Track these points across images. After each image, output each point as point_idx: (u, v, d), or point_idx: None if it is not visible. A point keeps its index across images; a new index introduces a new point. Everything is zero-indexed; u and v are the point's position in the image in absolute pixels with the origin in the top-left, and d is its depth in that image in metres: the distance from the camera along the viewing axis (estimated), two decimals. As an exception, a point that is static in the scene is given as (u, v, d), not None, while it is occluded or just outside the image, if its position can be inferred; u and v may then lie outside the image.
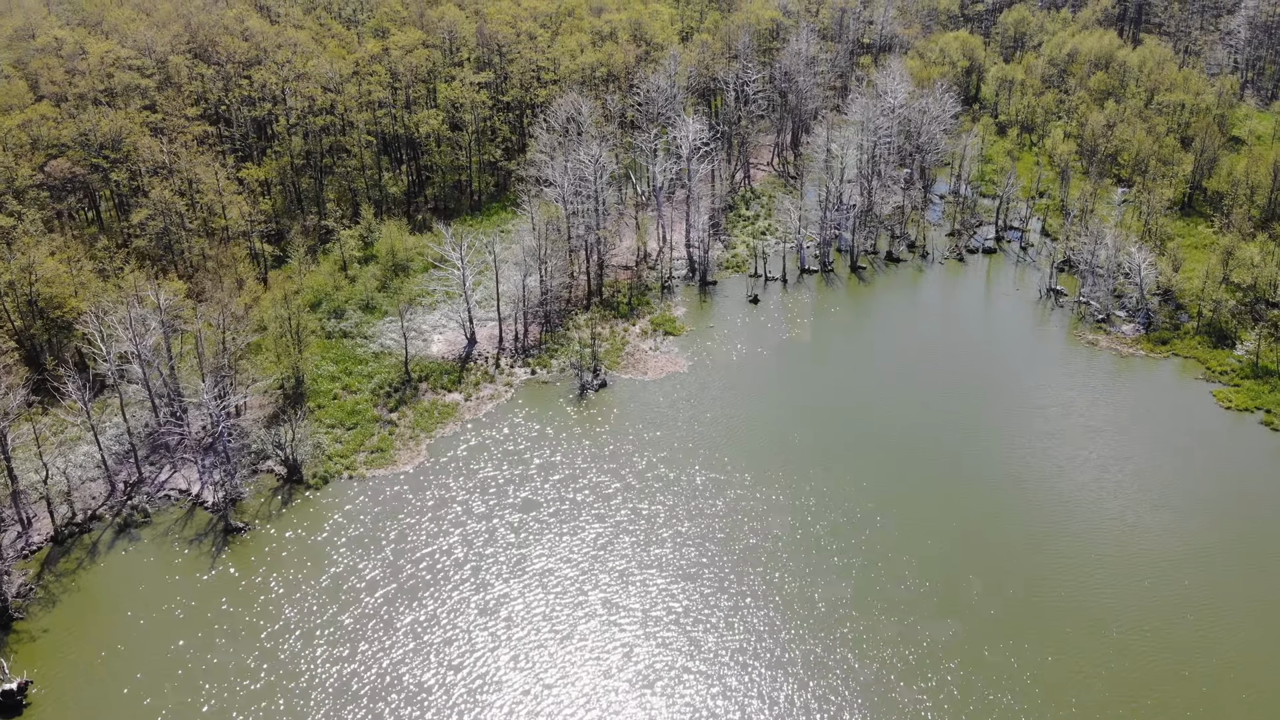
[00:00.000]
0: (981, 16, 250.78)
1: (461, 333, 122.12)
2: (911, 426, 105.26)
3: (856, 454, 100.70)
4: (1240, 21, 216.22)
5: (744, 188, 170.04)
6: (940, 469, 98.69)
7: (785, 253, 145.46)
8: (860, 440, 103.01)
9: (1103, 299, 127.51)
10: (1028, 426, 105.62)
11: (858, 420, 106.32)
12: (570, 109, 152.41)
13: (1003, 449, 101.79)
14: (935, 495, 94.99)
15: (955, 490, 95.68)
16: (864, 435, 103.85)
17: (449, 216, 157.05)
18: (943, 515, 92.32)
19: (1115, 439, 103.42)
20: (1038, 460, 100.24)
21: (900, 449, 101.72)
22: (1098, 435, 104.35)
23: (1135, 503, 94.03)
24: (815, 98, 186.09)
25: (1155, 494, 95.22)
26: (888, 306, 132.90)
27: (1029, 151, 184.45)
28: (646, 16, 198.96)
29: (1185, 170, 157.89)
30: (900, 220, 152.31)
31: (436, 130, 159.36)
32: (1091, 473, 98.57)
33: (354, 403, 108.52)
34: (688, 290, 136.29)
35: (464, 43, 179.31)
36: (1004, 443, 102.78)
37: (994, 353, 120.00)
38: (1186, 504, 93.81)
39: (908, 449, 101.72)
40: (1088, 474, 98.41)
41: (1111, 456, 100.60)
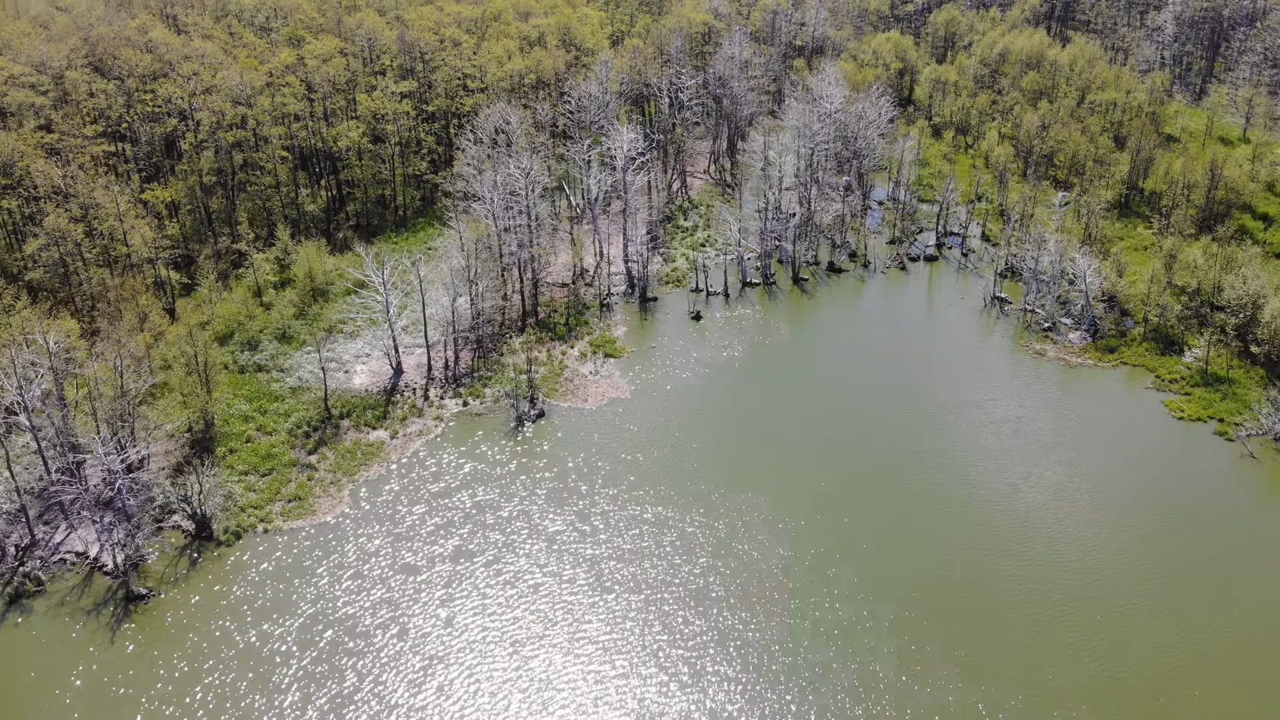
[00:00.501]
0: (911, 17, 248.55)
1: (386, 362, 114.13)
2: (862, 451, 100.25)
3: (807, 482, 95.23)
4: (1167, 18, 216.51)
5: (681, 197, 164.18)
6: (894, 495, 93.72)
7: (726, 265, 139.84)
8: (811, 467, 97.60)
9: (1048, 307, 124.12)
10: (979, 444, 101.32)
11: (806, 445, 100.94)
12: (498, 119, 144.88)
13: (955, 470, 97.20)
14: (889, 524, 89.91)
15: (910, 517, 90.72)
16: (814, 461, 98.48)
17: (372, 234, 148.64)
18: (899, 544, 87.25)
19: (1069, 455, 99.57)
20: (991, 480, 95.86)
21: (852, 475, 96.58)
22: (1051, 451, 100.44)
23: (1094, 524, 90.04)
24: (750, 103, 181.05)
25: (1115, 514, 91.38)
26: (832, 320, 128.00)
27: (965, 154, 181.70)
28: (575, 21, 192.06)
29: (1122, 171, 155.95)
30: (841, 229, 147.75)
31: (357, 143, 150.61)
32: (1048, 492, 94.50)
33: (269, 445, 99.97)
34: (628, 308, 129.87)
35: (384, 50, 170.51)
36: (956, 463, 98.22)
37: (942, 366, 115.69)
38: (1147, 524, 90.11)
39: (860, 475, 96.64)
40: (1043, 493, 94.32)
41: (1067, 474, 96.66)
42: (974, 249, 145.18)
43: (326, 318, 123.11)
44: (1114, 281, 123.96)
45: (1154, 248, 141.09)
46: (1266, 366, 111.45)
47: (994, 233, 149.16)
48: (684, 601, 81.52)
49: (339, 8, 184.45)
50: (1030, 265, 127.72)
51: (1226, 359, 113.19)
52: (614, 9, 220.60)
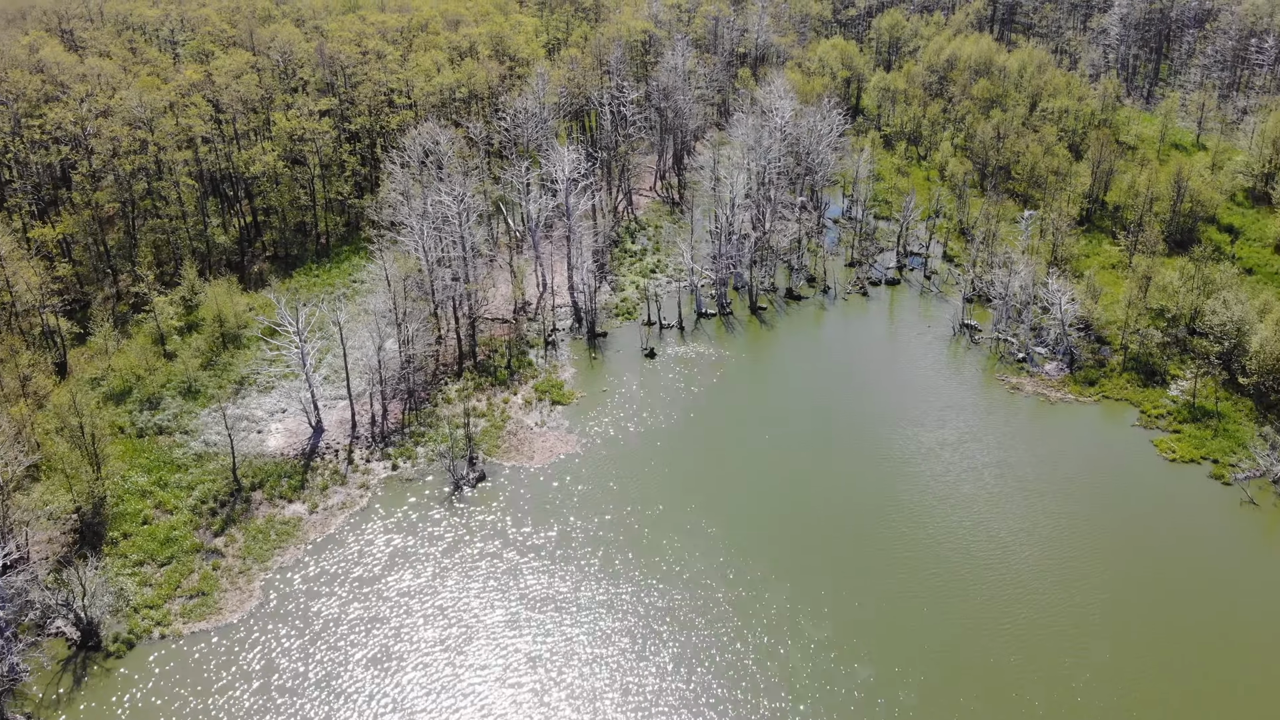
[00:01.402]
0: (855, 22, 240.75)
1: (305, 419, 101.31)
2: (831, 506, 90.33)
3: (773, 547, 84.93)
4: (1113, 19, 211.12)
5: (628, 218, 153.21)
6: (870, 555, 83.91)
7: (679, 293, 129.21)
8: (777, 531, 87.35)
9: (1021, 336, 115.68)
10: (960, 493, 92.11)
11: (771, 504, 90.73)
12: (427, 140, 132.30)
13: (938, 526, 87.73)
14: (866, 589, 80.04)
15: (896, 587, 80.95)
16: (780, 524, 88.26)
17: (291, 265, 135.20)
18: (892, 624, 77.40)
19: (1058, 505, 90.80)
20: (979, 537, 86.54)
21: (822, 536, 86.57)
22: (1038, 500, 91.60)
23: (1098, 592, 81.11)
24: (696, 115, 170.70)
25: (1117, 574, 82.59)
26: (793, 354, 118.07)
27: (918, 165, 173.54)
28: (508, 29, 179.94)
29: (1083, 184, 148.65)
30: (797, 251, 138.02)
31: (272, 167, 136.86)
32: (1039, 548, 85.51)
33: (169, 527, 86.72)
34: (575, 345, 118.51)
35: (301, 64, 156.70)
36: (939, 517, 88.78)
37: (914, 404, 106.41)
38: (1154, 585, 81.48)
39: (830, 535, 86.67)
40: (1035, 550, 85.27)
41: (1058, 528, 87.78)
42: (937, 270, 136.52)
43: (238, 368, 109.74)
44: (1089, 308, 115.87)
45: (1122, 266, 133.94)
46: (1256, 398, 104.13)
47: (956, 252, 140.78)
48: (647, 709, 70.66)
49: (251, 18, 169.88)
50: (999, 290, 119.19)
51: (1212, 389, 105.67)
52: (549, 15, 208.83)
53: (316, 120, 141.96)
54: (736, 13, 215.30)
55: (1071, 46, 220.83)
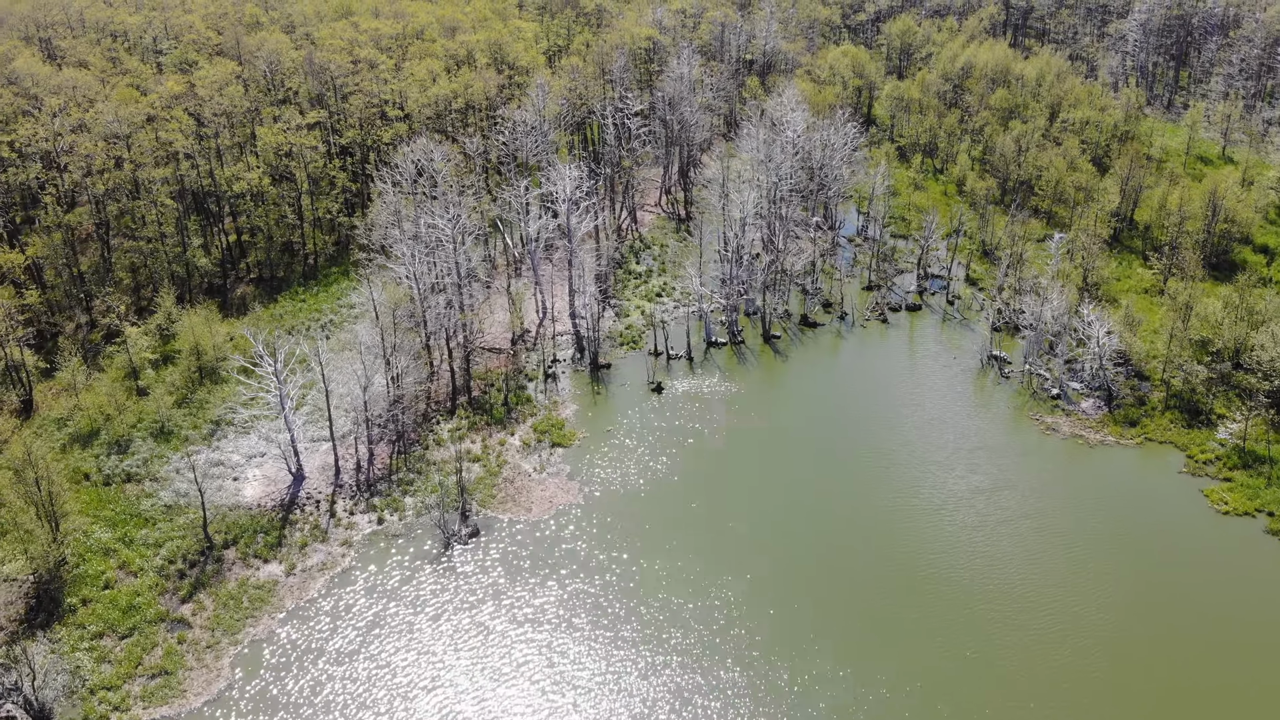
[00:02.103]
0: (864, 27, 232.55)
1: (285, 465, 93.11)
2: (857, 565, 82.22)
3: (795, 614, 76.81)
4: (1132, 25, 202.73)
5: (632, 236, 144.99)
6: (904, 622, 75.78)
7: (687, 319, 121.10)
8: (797, 594, 79.21)
9: (1054, 370, 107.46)
10: (999, 550, 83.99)
11: (790, 563, 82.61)
12: (420, 156, 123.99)
13: (980, 593, 79.58)
14: (904, 661, 71.98)
15: (929, 654, 72.87)
16: (801, 586, 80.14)
17: (277, 288, 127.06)
18: (925, 697, 69.35)
19: (1105, 563, 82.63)
20: (1019, 603, 78.35)
21: (846, 599, 78.49)
22: (1083, 559, 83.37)
23: (1154, 665, 72.96)
24: (702, 126, 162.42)
25: (1177, 648, 74.44)
26: (810, 389, 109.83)
27: (935, 179, 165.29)
28: (507, 35, 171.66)
29: (1111, 202, 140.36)
30: (812, 274, 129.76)
31: (257, 185, 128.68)
32: (1085, 617, 77.27)
33: (132, 592, 78.58)
34: (577, 378, 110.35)
35: (290, 74, 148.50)
36: (980, 582, 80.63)
37: (942, 446, 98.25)
38: (1216, 660, 73.35)
39: (856, 599, 78.58)
40: (1080, 618, 77.03)
41: (1107, 594, 79.54)
42: (960, 295, 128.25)
43: (214, 406, 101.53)
44: (1128, 340, 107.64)
45: (1155, 290, 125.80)
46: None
47: (980, 275, 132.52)
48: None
49: (238, 25, 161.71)
50: (1029, 320, 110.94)
51: (1263, 431, 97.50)
52: (549, 21, 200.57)
53: (304, 134, 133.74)
54: (743, 18, 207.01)
55: (1089, 53, 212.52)
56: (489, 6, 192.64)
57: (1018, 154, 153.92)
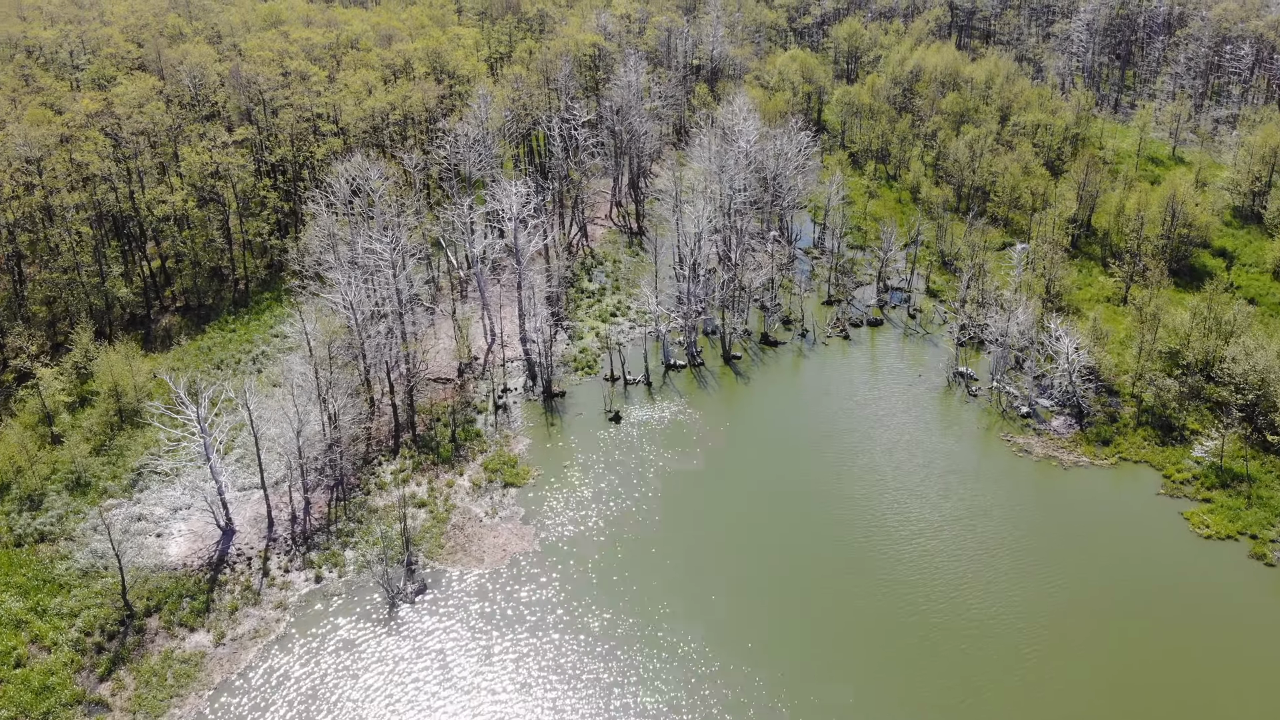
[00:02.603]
0: (810, 30, 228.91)
1: (213, 518, 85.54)
2: (828, 602, 77.18)
3: (765, 658, 71.51)
4: (1077, 26, 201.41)
5: (583, 251, 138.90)
6: (885, 666, 70.85)
7: (645, 340, 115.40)
8: (767, 637, 73.94)
9: (1023, 387, 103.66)
10: (976, 581, 79.50)
11: (758, 604, 77.37)
12: (356, 174, 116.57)
13: (953, 620, 74.96)
14: (886, 706, 67.12)
15: (917, 700, 68.05)
16: (771, 629, 74.91)
17: (205, 318, 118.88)
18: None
19: (1090, 594, 78.59)
20: (1006, 638, 73.88)
21: (819, 641, 73.40)
22: (1065, 590, 79.27)
23: (1145, 698, 68.89)
24: (653, 135, 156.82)
25: (1167, 680, 70.49)
26: (773, 412, 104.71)
27: (889, 186, 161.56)
28: (446, 44, 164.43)
29: (1068, 208, 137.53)
30: (771, 291, 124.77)
31: (181, 208, 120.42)
32: (1071, 649, 73.08)
33: (45, 671, 70.72)
34: (529, 408, 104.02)
35: (216, 89, 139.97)
36: (952, 610, 76.05)
37: (911, 471, 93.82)
38: (1208, 695, 69.52)
39: (830, 640, 73.53)
40: (1067, 650, 72.84)
41: (1092, 626, 75.46)
42: (921, 308, 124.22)
43: (136, 452, 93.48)
44: (1098, 356, 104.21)
45: (1117, 299, 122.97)
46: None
47: (940, 286, 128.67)
48: None
49: (160, 37, 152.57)
50: (995, 335, 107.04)
51: (1238, 447, 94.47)
52: (489, 27, 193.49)
53: (231, 153, 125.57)
54: (689, 23, 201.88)
55: (1035, 54, 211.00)
56: (426, 13, 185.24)
57: (971, 160, 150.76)
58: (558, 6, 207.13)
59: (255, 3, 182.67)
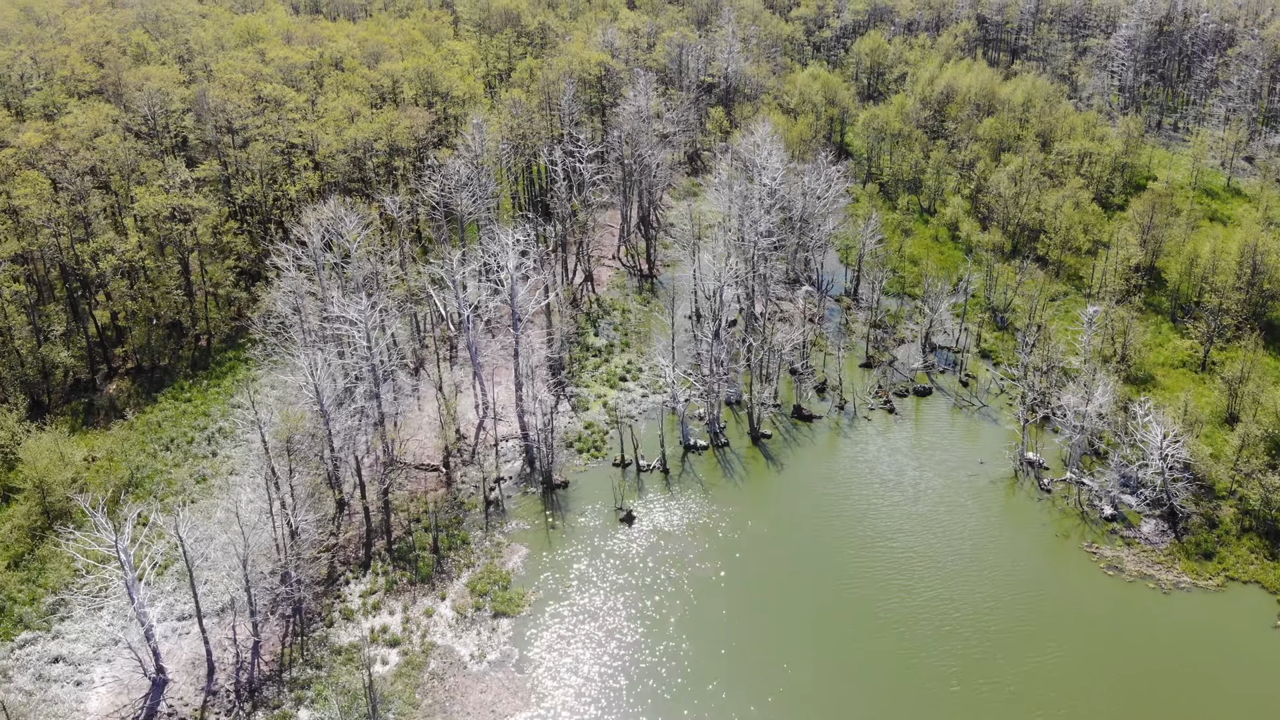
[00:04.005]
0: (829, 45, 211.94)
1: (140, 666, 69.01)
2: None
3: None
4: (1119, 42, 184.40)
5: (588, 298, 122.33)
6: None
7: (659, 413, 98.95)
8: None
9: (1107, 483, 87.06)
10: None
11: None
12: (330, 224, 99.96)
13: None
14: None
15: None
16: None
17: (159, 383, 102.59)
18: None
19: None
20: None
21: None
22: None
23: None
24: (664, 164, 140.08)
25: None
26: (812, 510, 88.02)
27: (923, 221, 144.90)
28: (439, 61, 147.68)
29: (1130, 254, 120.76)
30: (803, 352, 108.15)
31: (131, 259, 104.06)
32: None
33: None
34: (526, 503, 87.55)
35: (180, 116, 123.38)
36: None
37: (984, 598, 77.49)
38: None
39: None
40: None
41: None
42: (973, 374, 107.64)
43: (60, 568, 76.93)
44: (1193, 447, 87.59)
45: (1194, 363, 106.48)
46: None
47: (993, 345, 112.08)
48: None
49: (123, 56, 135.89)
50: (1068, 419, 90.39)
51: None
52: (488, 41, 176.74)
53: (193, 193, 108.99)
54: (702, 36, 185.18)
55: (1071, 73, 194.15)
56: (420, 27, 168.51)
57: (1016, 195, 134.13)
58: (560, 19, 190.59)
59: (233, 15, 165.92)
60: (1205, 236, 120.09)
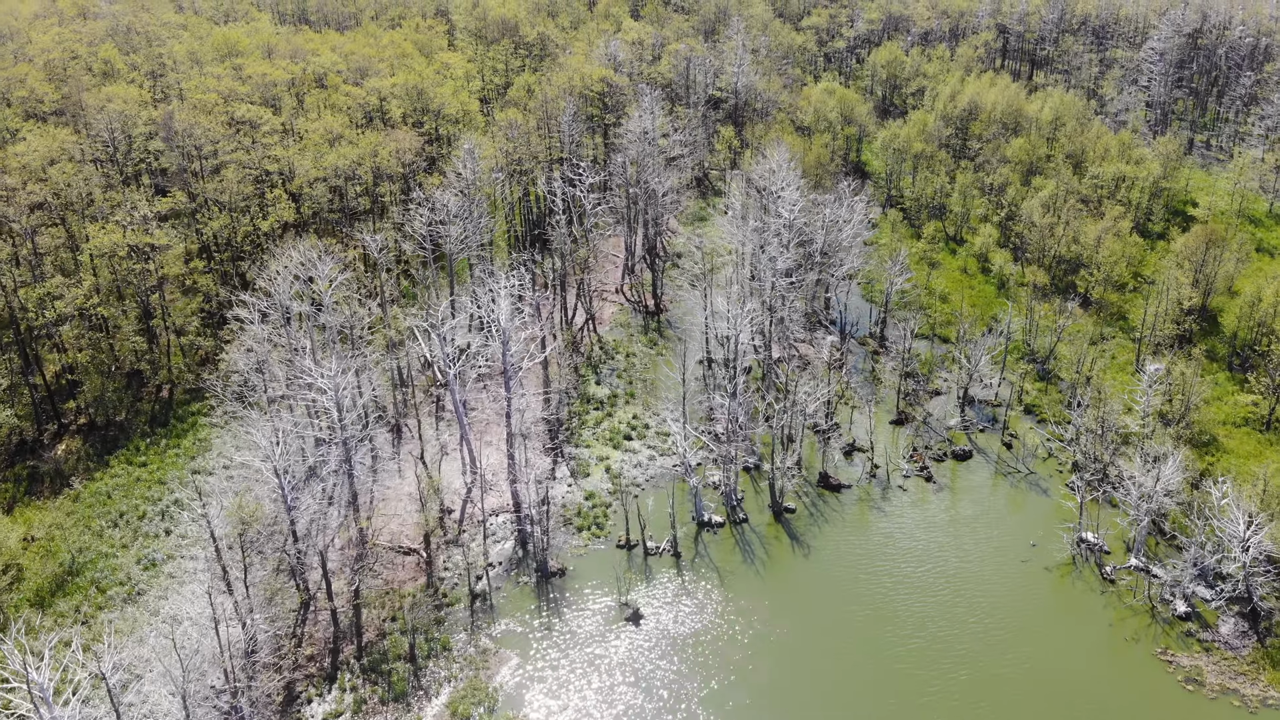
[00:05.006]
0: (842, 55, 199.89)
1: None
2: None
3: None
4: (1149, 55, 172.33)
5: (589, 341, 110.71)
6: None
7: (669, 480, 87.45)
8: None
9: (1178, 573, 75.43)
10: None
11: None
12: (301, 270, 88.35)
13: None
14: None
15: None
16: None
17: (113, 442, 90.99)
18: None
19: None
20: None
21: None
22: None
23: None
24: (671, 186, 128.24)
25: None
26: (839, 600, 76.42)
27: (949, 250, 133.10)
28: (432, 75, 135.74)
29: (1183, 296, 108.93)
30: (828, 410, 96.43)
31: (85, 304, 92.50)
32: None
33: None
34: (518, 595, 75.98)
35: (146, 140, 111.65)
36: None
37: (1041, 709, 65.93)
38: None
39: None
40: None
41: None
42: (1016, 433, 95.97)
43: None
44: (1274, 533, 75.88)
45: (1258, 420, 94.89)
46: None
47: (1036, 399, 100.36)
48: None
49: (87, 74, 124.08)
50: (1132, 496, 78.71)
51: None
52: (483, 53, 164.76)
53: (152, 230, 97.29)
54: (709, 47, 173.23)
55: (1099, 88, 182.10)
56: (411, 39, 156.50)
57: (1049, 225, 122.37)
58: (561, 29, 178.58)
59: (213, 26, 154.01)
60: (1259, 272, 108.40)
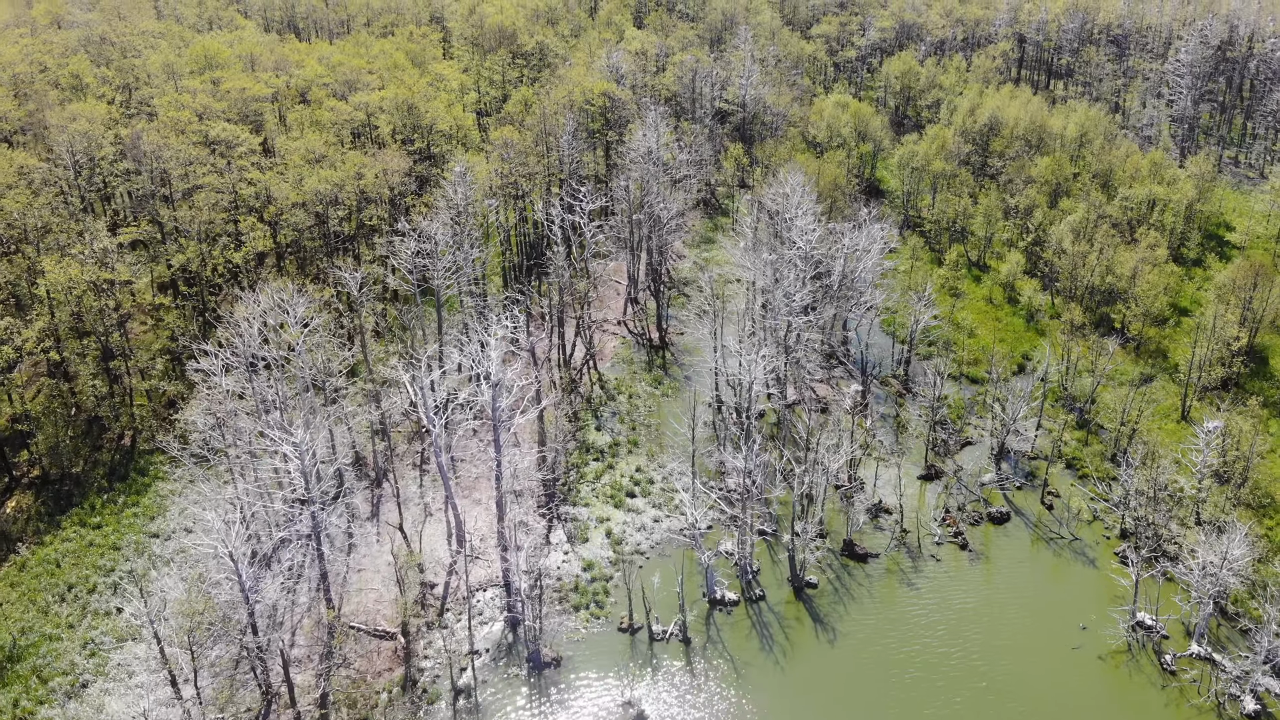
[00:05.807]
0: (854, 65, 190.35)
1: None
2: None
3: None
4: (1177, 68, 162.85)
5: (589, 379, 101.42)
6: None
7: (677, 550, 78.18)
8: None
9: (1252, 669, 66.20)
10: None
11: None
12: (270, 315, 78.99)
13: None
14: None
15: None
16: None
17: (66, 499, 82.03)
18: None
19: None
20: None
21: None
22: None
23: None
24: (677, 208, 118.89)
25: None
26: (869, 696, 67.26)
27: (973, 278, 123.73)
28: (424, 88, 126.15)
29: (1232, 337, 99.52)
30: (852, 466, 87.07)
31: (32, 349, 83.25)
32: None
33: None
34: (507, 689, 66.76)
35: (107, 165, 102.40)
36: None
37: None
38: None
39: None
40: None
41: None
42: (1057, 491, 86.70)
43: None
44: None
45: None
46: None
47: (1077, 452, 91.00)
48: None
49: (54, 89, 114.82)
50: (1198, 580, 69.46)
51: None
52: (479, 63, 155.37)
53: (114, 264, 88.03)
54: (716, 57, 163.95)
55: (1122, 101, 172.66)
56: (403, 48, 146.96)
57: (1081, 253, 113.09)
58: (561, 38, 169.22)
59: (192, 35, 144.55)
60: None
